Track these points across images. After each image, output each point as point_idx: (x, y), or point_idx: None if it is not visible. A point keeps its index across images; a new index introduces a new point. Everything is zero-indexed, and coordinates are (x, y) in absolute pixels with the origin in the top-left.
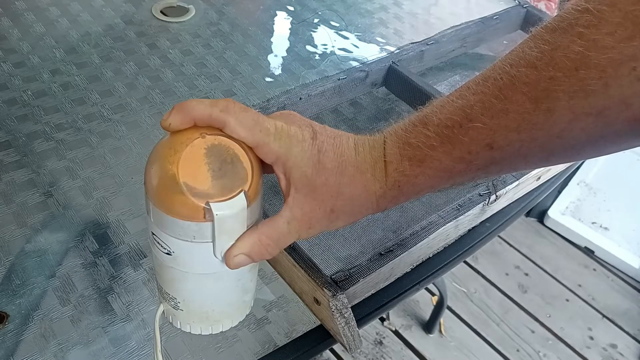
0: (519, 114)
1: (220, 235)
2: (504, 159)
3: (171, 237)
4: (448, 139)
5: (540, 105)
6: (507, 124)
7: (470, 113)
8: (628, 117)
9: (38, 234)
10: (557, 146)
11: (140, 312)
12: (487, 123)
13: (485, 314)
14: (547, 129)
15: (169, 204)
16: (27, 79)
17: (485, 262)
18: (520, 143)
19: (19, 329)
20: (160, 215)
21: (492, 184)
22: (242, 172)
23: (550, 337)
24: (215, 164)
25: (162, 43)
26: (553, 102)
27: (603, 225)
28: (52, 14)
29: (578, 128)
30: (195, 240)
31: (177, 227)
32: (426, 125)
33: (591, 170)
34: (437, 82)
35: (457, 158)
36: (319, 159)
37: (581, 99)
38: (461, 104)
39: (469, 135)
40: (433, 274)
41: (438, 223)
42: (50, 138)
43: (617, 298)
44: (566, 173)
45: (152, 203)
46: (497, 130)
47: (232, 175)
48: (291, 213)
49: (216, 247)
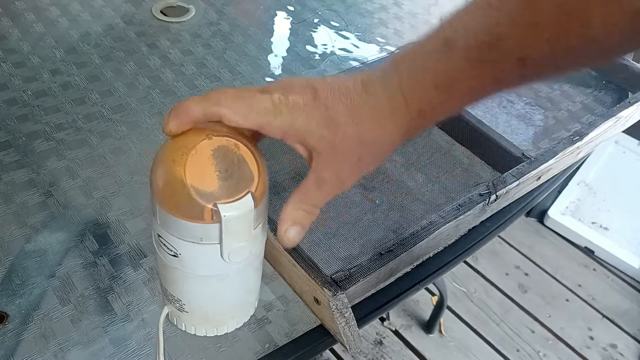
0: (550, 25)
1: (227, 237)
2: (535, 72)
3: (178, 238)
4: (478, 61)
5: (572, 12)
6: (538, 36)
7: (498, 31)
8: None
9: (38, 234)
10: (592, 50)
11: (140, 312)
12: (517, 39)
13: (485, 314)
14: (581, 35)
15: (176, 205)
16: (27, 79)
17: (485, 262)
18: (553, 54)
19: (19, 328)
20: (167, 217)
21: (492, 184)
22: (248, 174)
23: (550, 337)
24: (222, 165)
25: (162, 43)
26: (587, 5)
27: (603, 225)
28: (52, 14)
29: (614, 30)
30: (202, 242)
31: (184, 229)
32: (452, 49)
33: (591, 170)
34: None
35: (488, 79)
36: (329, 116)
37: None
38: (486, 22)
39: (500, 54)
40: (433, 274)
41: (438, 223)
42: (51, 138)
43: (617, 298)
44: (566, 173)
45: (158, 205)
46: (529, 45)
47: (239, 176)
48: (319, 176)
49: (223, 249)
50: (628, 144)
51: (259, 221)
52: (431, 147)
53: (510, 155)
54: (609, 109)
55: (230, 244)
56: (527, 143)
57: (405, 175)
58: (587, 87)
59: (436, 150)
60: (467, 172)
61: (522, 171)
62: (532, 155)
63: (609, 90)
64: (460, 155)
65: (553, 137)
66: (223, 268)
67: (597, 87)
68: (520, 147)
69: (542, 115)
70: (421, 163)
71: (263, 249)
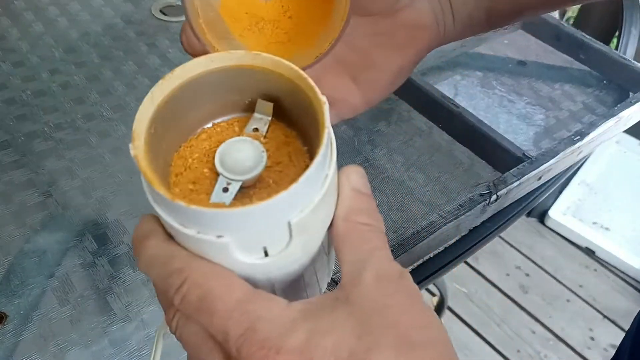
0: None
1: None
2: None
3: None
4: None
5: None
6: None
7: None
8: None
9: (37, 234)
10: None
11: (140, 313)
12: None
13: (486, 315)
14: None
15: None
16: (26, 79)
17: (486, 263)
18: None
19: (18, 329)
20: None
21: (492, 184)
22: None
23: (551, 338)
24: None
25: (161, 42)
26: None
27: (604, 226)
28: (51, 14)
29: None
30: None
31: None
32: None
33: (592, 171)
34: (438, 82)
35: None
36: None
37: None
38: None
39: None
40: (433, 274)
41: (438, 223)
42: (50, 138)
43: (618, 298)
44: (567, 173)
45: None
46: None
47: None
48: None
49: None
50: (629, 144)
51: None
52: (431, 147)
53: (511, 155)
54: (610, 109)
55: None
56: (528, 143)
57: (405, 175)
58: (588, 87)
59: (436, 150)
60: (468, 172)
61: (523, 171)
62: (532, 155)
63: (610, 90)
64: (461, 155)
65: (554, 137)
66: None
67: (598, 87)
68: (521, 147)
69: (543, 115)
70: (421, 163)
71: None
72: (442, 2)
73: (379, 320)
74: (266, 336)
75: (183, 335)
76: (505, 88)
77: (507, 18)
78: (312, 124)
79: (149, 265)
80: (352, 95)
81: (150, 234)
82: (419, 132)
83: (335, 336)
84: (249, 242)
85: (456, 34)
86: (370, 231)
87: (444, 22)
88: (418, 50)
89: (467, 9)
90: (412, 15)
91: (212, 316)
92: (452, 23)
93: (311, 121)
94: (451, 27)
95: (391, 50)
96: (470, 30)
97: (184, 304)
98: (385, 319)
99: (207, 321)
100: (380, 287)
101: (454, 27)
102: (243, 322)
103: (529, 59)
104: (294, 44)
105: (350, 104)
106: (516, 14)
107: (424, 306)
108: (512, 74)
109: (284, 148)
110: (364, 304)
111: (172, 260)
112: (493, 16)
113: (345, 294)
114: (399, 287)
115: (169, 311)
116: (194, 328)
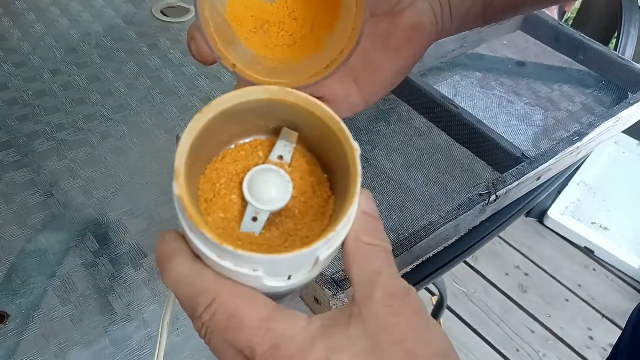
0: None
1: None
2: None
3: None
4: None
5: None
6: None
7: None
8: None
9: (38, 234)
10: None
11: (140, 312)
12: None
13: (485, 314)
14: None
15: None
16: (28, 79)
17: (485, 262)
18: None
19: (19, 328)
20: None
21: (492, 184)
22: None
23: (550, 337)
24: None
25: (162, 43)
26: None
27: (603, 225)
28: (53, 14)
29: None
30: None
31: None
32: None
33: (591, 171)
34: (437, 82)
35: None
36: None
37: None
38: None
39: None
40: (433, 273)
41: (438, 223)
42: (51, 138)
43: (617, 298)
44: (566, 173)
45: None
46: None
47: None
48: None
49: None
50: (628, 144)
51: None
52: (431, 147)
53: (510, 156)
54: (609, 109)
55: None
56: (527, 143)
57: (405, 176)
58: (586, 88)
59: (436, 150)
60: (467, 172)
61: (522, 171)
62: (531, 156)
63: (609, 90)
64: (460, 155)
65: (553, 137)
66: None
67: (597, 88)
68: (520, 147)
69: (541, 116)
70: (421, 163)
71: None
72: (441, 0)
73: (387, 337)
74: (290, 352)
75: (211, 342)
76: (504, 88)
77: (503, 13)
78: (337, 158)
79: (176, 284)
80: (352, 94)
81: (176, 252)
82: (418, 133)
83: (350, 352)
84: (279, 272)
85: (452, 29)
86: (377, 251)
87: (442, 20)
88: (417, 50)
89: (465, 5)
90: (413, 16)
91: (239, 333)
92: (449, 19)
93: (337, 157)
94: (448, 23)
95: (390, 51)
96: (466, 26)
97: (212, 321)
98: (393, 335)
99: (234, 337)
100: (389, 304)
101: (450, 24)
102: (268, 339)
103: (528, 60)
104: (299, 46)
105: (349, 104)
106: (512, 9)
107: (429, 321)
108: (511, 74)
109: (307, 178)
110: (374, 321)
111: (200, 279)
112: (489, 11)
113: (358, 309)
114: (405, 304)
115: (196, 322)
116: (220, 338)
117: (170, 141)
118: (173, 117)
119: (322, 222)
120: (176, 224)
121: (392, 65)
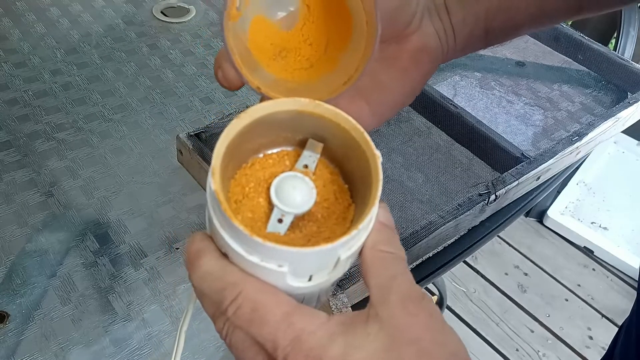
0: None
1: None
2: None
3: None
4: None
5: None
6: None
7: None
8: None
9: (39, 234)
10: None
11: (141, 312)
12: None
13: (485, 314)
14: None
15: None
16: (28, 79)
17: (485, 262)
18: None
19: (20, 328)
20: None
21: (491, 184)
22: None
23: (549, 337)
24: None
25: (162, 43)
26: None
27: (602, 225)
28: (53, 15)
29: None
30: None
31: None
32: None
33: (591, 171)
34: (437, 82)
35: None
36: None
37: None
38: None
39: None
40: (433, 273)
41: (438, 223)
42: (51, 138)
43: (617, 298)
44: (566, 173)
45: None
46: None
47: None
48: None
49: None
50: (627, 144)
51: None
52: (431, 147)
53: (510, 156)
54: (608, 109)
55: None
56: (527, 143)
57: (405, 175)
58: (586, 88)
59: (436, 150)
60: (467, 172)
61: (522, 171)
62: (531, 156)
63: (608, 90)
64: (460, 155)
65: (552, 137)
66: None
67: (597, 88)
68: (519, 147)
69: (541, 116)
70: (421, 163)
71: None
72: (445, 24)
73: (404, 336)
74: (311, 346)
75: (232, 341)
76: (504, 89)
77: (504, 35)
78: (358, 168)
79: (203, 279)
80: (364, 114)
81: (204, 251)
82: (418, 133)
83: (367, 349)
84: (302, 271)
85: (457, 52)
86: (393, 258)
87: (447, 43)
88: (424, 71)
89: (468, 29)
90: (419, 40)
91: (262, 327)
92: (453, 43)
93: (358, 166)
94: (453, 46)
95: (399, 73)
96: (470, 48)
97: (237, 314)
98: (409, 335)
99: (257, 331)
100: (405, 307)
101: (455, 46)
102: (290, 333)
103: (527, 60)
104: (315, 69)
105: (362, 123)
106: (513, 31)
107: (444, 325)
108: (511, 74)
109: (329, 186)
110: (391, 321)
111: (227, 275)
112: (491, 34)
113: (375, 311)
114: (421, 306)
115: (219, 320)
116: (241, 336)
117: (170, 141)
118: (173, 118)
119: (343, 226)
120: (176, 224)
121: (401, 86)
